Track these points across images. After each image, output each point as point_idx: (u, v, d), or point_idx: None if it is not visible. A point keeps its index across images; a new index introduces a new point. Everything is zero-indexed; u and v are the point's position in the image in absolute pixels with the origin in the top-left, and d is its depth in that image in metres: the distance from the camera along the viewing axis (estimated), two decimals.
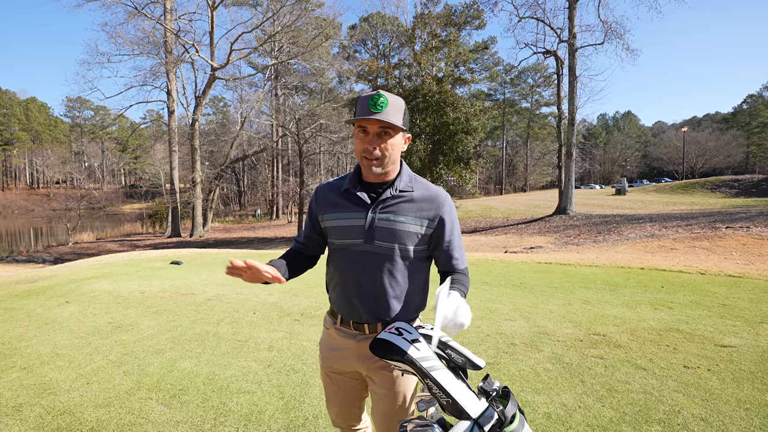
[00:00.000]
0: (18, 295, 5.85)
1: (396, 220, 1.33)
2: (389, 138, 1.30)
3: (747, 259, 8.06)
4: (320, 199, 1.46)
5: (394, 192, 1.35)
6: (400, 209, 1.34)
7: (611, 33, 21.86)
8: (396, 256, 1.35)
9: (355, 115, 1.32)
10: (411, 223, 1.34)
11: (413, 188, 1.37)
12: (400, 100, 1.31)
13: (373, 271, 1.35)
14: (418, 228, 1.35)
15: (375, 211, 1.34)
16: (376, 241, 1.34)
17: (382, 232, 1.33)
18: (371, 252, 1.35)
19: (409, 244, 1.35)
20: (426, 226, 1.35)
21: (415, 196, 1.36)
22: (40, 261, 18.04)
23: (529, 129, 65.09)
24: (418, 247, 1.37)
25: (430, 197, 1.37)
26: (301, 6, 25.38)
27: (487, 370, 3.00)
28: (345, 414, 1.53)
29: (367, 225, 1.34)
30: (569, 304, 4.89)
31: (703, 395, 2.59)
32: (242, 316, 4.54)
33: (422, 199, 1.36)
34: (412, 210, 1.34)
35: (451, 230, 1.39)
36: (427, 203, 1.36)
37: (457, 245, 1.42)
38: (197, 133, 27.18)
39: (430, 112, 18.95)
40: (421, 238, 1.36)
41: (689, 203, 27.49)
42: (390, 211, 1.34)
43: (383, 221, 1.33)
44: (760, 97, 70.27)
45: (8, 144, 72.61)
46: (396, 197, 1.35)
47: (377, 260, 1.35)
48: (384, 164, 1.32)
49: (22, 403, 2.65)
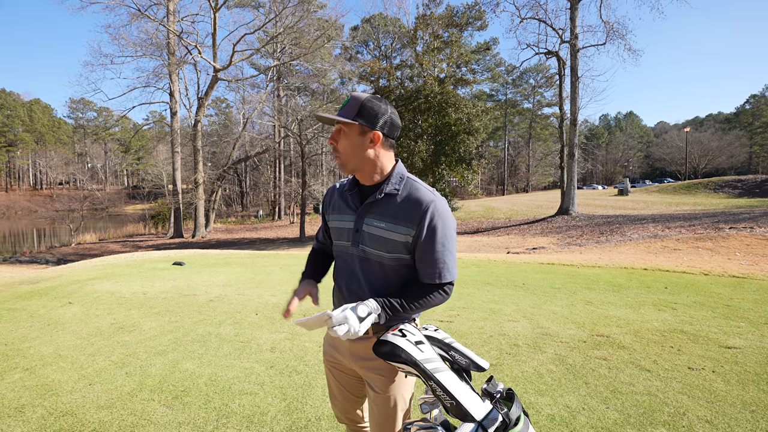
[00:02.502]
0: (21, 295, 5.86)
1: (378, 225, 1.30)
2: (342, 135, 1.31)
3: (751, 260, 8.02)
4: (327, 198, 1.51)
5: (379, 195, 1.31)
6: (381, 214, 1.31)
7: (613, 33, 21.83)
8: (380, 261, 1.32)
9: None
10: (390, 229, 1.28)
11: (398, 190, 1.31)
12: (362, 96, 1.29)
13: (360, 275, 1.36)
14: (396, 235, 1.27)
15: (362, 215, 1.34)
16: (361, 245, 1.34)
17: (366, 237, 1.33)
18: (358, 256, 1.35)
19: (392, 251, 1.29)
20: (405, 233, 1.27)
21: (397, 200, 1.30)
22: (43, 262, 18.11)
23: (531, 129, 65.00)
24: (401, 255, 1.30)
25: (413, 201, 1.27)
26: (303, 7, 25.44)
27: (490, 371, 2.98)
28: (348, 409, 1.53)
29: (354, 228, 1.35)
30: (572, 305, 4.87)
31: (708, 397, 2.57)
32: (244, 317, 4.53)
33: (404, 203, 1.28)
34: (391, 214, 1.29)
35: (431, 239, 1.26)
36: (408, 208, 1.27)
37: (437, 258, 1.28)
38: (200, 134, 27.25)
39: (432, 112, 18.96)
40: (400, 245, 1.28)
41: (692, 204, 27.38)
42: (373, 216, 1.32)
43: (367, 225, 1.32)
44: (762, 96, 70.04)
45: (12, 145, 72.99)
46: (378, 202, 1.32)
47: (363, 264, 1.35)
48: (343, 162, 1.32)
49: (25, 404, 2.65)
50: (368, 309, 1.20)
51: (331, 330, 1.14)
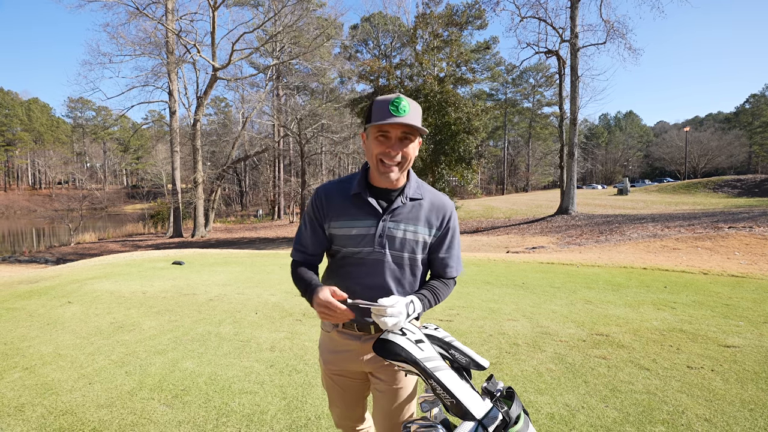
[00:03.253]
0: (20, 295, 5.86)
1: (407, 229, 1.33)
2: (410, 143, 1.28)
3: (750, 259, 8.03)
4: (326, 204, 1.37)
5: (404, 200, 1.34)
6: (410, 218, 1.34)
7: (613, 32, 21.83)
8: (405, 264, 1.36)
9: (370, 118, 1.26)
10: (420, 232, 1.35)
11: (422, 196, 1.37)
12: (417, 104, 1.29)
13: (382, 279, 1.35)
14: (426, 237, 1.36)
15: (386, 220, 1.32)
16: (387, 249, 1.33)
17: (393, 241, 1.33)
18: (381, 260, 1.34)
19: (418, 252, 1.36)
20: (432, 235, 1.37)
21: (424, 204, 1.36)
22: (42, 261, 18.09)
23: (531, 129, 64.97)
24: (423, 255, 1.39)
25: (439, 205, 1.38)
26: (302, 6, 25.39)
27: (489, 370, 2.99)
28: (348, 414, 1.53)
29: (378, 234, 1.32)
30: (572, 304, 4.87)
31: (707, 396, 2.58)
32: (244, 316, 4.53)
33: (431, 207, 1.37)
34: (421, 218, 1.35)
35: (452, 238, 1.41)
36: (435, 211, 1.37)
37: (456, 254, 1.43)
38: (199, 133, 27.21)
39: (432, 112, 18.95)
40: (427, 245, 1.38)
41: (691, 203, 27.41)
42: (400, 220, 1.33)
43: (395, 230, 1.33)
44: (762, 96, 70.04)
45: (10, 145, 72.84)
46: (406, 205, 1.34)
47: (386, 268, 1.35)
48: (403, 169, 1.31)
49: (24, 404, 2.65)
50: (414, 307, 1.25)
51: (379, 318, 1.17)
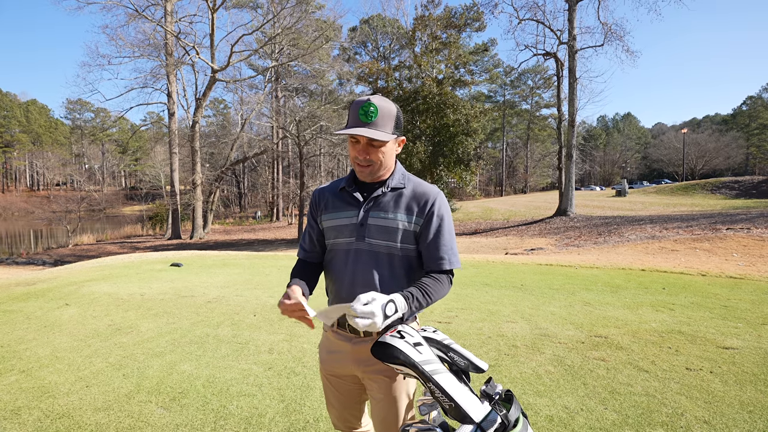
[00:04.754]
0: (17, 297, 5.83)
1: (386, 216, 1.34)
2: (380, 147, 1.30)
3: (748, 261, 8.05)
4: (318, 201, 1.48)
5: (386, 189, 1.36)
6: (390, 206, 1.35)
7: (611, 35, 21.90)
8: (387, 254, 1.34)
9: (348, 120, 1.32)
10: (400, 219, 1.33)
11: (405, 185, 1.38)
12: (391, 106, 1.29)
13: (365, 271, 1.34)
14: (407, 224, 1.33)
15: (367, 209, 1.35)
16: (367, 238, 1.34)
17: (373, 230, 1.34)
18: (363, 250, 1.35)
19: (400, 241, 1.34)
20: (414, 222, 1.34)
21: (405, 192, 1.37)
22: (39, 263, 18.03)
23: (529, 131, 65.09)
24: (408, 245, 1.35)
25: (421, 193, 1.36)
26: (301, 8, 25.44)
27: (488, 372, 2.98)
28: (345, 416, 1.52)
29: (359, 222, 1.35)
30: (570, 305, 4.87)
31: (706, 397, 2.58)
32: (242, 318, 4.52)
33: (413, 195, 1.36)
34: (401, 206, 1.35)
35: (439, 226, 1.34)
36: (416, 198, 1.35)
37: (445, 244, 1.34)
38: (197, 135, 27.21)
39: (431, 113, 18.99)
40: (410, 234, 1.34)
41: (689, 205, 27.47)
42: (381, 208, 1.35)
43: (374, 218, 1.34)
44: (759, 98, 70.28)
45: (8, 146, 72.70)
46: (386, 194, 1.36)
47: (369, 259, 1.34)
48: (374, 171, 1.34)
49: (21, 407, 2.63)
50: (395, 307, 1.15)
51: (352, 320, 1.09)
